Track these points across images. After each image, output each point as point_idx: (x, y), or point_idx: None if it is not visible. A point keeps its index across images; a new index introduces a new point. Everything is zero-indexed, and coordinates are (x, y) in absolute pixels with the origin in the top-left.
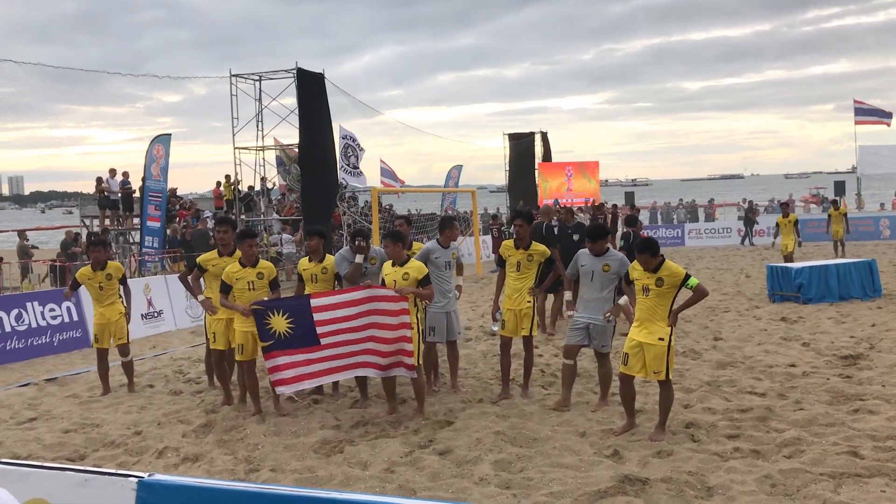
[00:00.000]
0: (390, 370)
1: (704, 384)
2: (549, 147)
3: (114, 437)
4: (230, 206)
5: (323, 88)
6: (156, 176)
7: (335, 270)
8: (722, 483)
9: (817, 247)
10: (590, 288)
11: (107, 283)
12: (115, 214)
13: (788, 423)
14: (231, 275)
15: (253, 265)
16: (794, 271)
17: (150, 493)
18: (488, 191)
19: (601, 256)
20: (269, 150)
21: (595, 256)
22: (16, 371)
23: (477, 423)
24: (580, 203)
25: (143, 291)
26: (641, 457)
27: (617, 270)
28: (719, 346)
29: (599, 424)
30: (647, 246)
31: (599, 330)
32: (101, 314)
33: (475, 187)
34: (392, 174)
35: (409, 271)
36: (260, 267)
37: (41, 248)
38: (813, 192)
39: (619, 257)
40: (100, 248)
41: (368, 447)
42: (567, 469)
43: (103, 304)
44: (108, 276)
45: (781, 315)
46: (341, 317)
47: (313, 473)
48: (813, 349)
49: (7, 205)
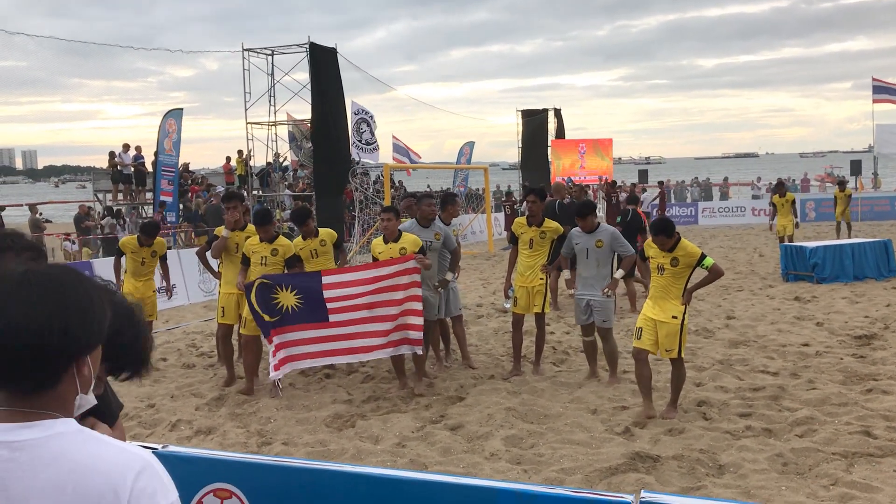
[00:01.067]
0: (399, 347)
1: (717, 363)
2: (562, 124)
3: (127, 409)
4: (242, 181)
5: (336, 63)
6: (168, 150)
7: (332, 240)
8: (733, 461)
9: (832, 226)
10: (586, 265)
11: (150, 260)
12: (129, 189)
13: (801, 402)
14: (249, 247)
15: (269, 241)
16: (809, 251)
17: (164, 465)
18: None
19: (593, 233)
20: (282, 125)
21: (587, 234)
22: None
23: (488, 399)
24: (594, 180)
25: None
26: (653, 434)
27: (609, 244)
28: (732, 324)
29: (611, 402)
30: (662, 227)
31: (599, 305)
32: (136, 288)
33: (487, 164)
34: (406, 150)
35: (406, 245)
36: (276, 244)
37: (55, 222)
38: (828, 170)
39: (609, 231)
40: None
41: (380, 422)
42: (578, 445)
43: (140, 278)
44: (154, 254)
45: (795, 294)
46: (351, 294)
47: (325, 447)
48: (826, 329)
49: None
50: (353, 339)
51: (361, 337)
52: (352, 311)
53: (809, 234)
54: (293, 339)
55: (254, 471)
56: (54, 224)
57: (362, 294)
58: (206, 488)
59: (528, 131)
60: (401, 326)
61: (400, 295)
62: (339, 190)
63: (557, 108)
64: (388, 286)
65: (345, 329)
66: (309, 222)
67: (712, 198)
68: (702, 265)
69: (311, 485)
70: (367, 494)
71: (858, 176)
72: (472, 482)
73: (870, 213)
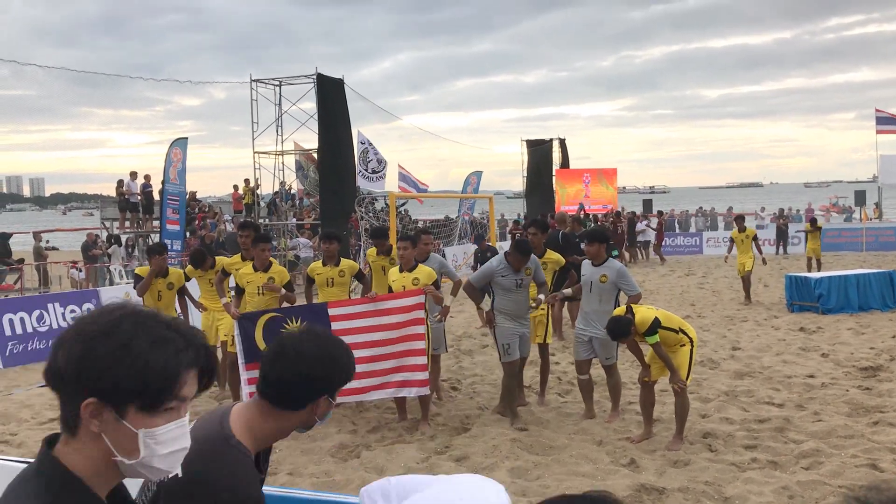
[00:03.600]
0: (402, 389)
1: (722, 394)
2: (566, 154)
3: None
4: (249, 210)
5: (342, 94)
6: (173, 179)
7: (352, 273)
8: (739, 493)
9: (836, 257)
10: (588, 299)
11: (167, 293)
12: (136, 217)
13: (807, 434)
14: (243, 277)
15: (265, 270)
16: (814, 281)
17: None
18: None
19: (599, 267)
20: (289, 154)
21: (594, 267)
22: (37, 372)
23: (493, 430)
24: (599, 209)
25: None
26: (658, 466)
27: (615, 281)
28: (737, 355)
29: (616, 433)
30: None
31: (602, 343)
32: None
33: (492, 193)
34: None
35: (419, 276)
36: (272, 272)
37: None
38: (833, 200)
39: (616, 268)
40: (163, 255)
41: (385, 452)
42: (584, 477)
43: None
44: (170, 285)
45: (800, 325)
46: (357, 328)
47: (330, 477)
48: (832, 360)
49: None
50: (358, 380)
51: (365, 377)
52: (358, 348)
53: (814, 265)
54: None
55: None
56: (60, 252)
57: (369, 329)
58: None
59: (533, 161)
60: (404, 367)
61: (406, 332)
62: (345, 218)
63: (562, 138)
64: (394, 323)
65: None
66: (334, 244)
67: (717, 227)
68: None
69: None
70: None
71: (863, 206)
72: None
73: (875, 244)
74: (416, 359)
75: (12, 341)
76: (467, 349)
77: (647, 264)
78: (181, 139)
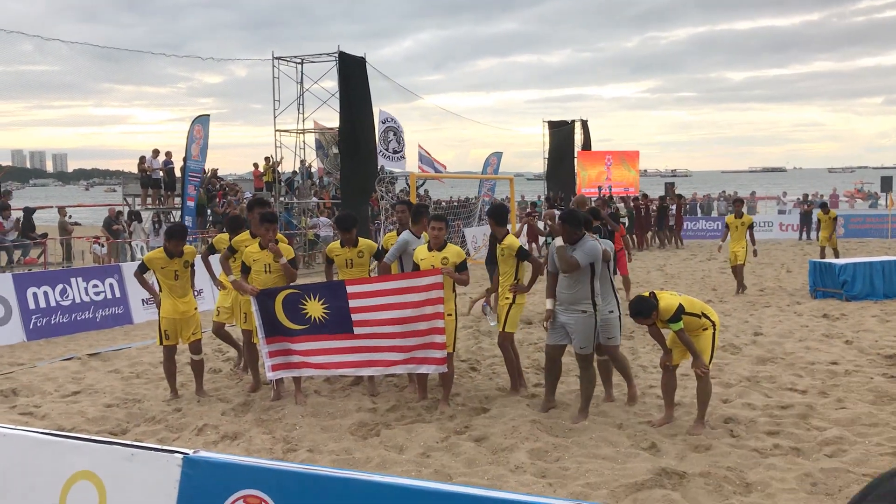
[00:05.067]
0: (420, 366)
1: (744, 379)
2: (588, 135)
3: (154, 412)
4: (269, 187)
5: (364, 72)
6: (195, 156)
7: (371, 252)
8: (761, 480)
9: (860, 243)
10: (561, 282)
11: (183, 272)
12: (157, 194)
13: (830, 421)
14: (249, 255)
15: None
16: (838, 267)
17: (195, 470)
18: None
19: (575, 249)
20: (309, 132)
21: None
22: (59, 345)
23: (513, 411)
24: (620, 192)
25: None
26: (679, 450)
27: (586, 262)
28: (759, 341)
29: (637, 417)
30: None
31: (574, 328)
32: (174, 307)
33: (512, 174)
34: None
35: (448, 255)
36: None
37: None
38: (859, 186)
39: (587, 247)
40: (180, 240)
41: (404, 431)
42: (604, 460)
43: (177, 295)
44: (186, 264)
45: (823, 311)
46: (376, 305)
47: (350, 455)
48: (856, 347)
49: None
50: (376, 353)
51: (384, 351)
52: (376, 324)
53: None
54: (317, 348)
55: (284, 478)
56: (83, 227)
57: (387, 307)
58: (236, 494)
59: (555, 142)
60: (424, 345)
61: (426, 311)
62: (364, 197)
63: (584, 120)
64: (415, 301)
65: (368, 342)
66: (353, 230)
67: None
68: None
69: (341, 494)
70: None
71: (889, 192)
72: (501, 495)
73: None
74: (435, 337)
75: (36, 315)
76: (486, 330)
77: (669, 248)
78: (203, 116)
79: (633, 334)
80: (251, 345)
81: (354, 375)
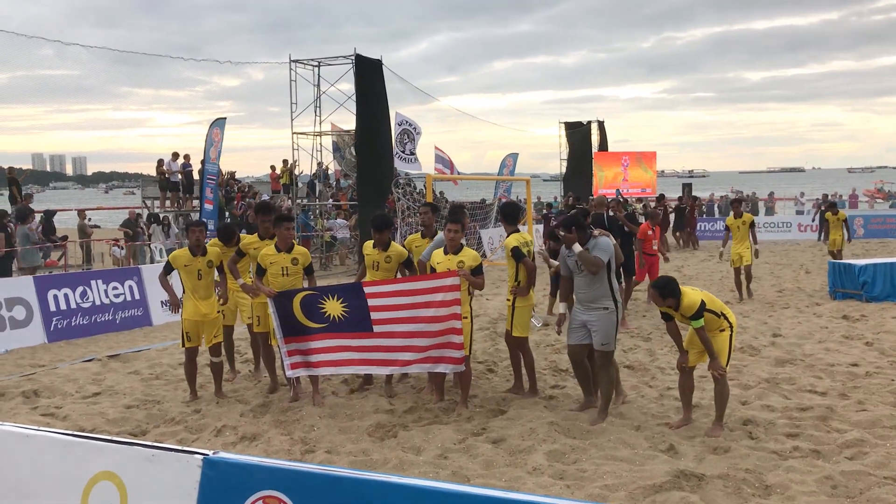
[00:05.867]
0: (437, 365)
1: (763, 381)
2: (605, 136)
3: (174, 413)
4: (287, 189)
5: (381, 75)
6: (213, 159)
7: (400, 260)
8: (780, 482)
9: (881, 243)
10: (579, 283)
11: (206, 271)
12: (176, 196)
13: (850, 423)
14: (266, 258)
15: (288, 250)
16: (858, 268)
17: (215, 471)
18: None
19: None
20: (326, 135)
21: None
22: (80, 347)
23: (530, 413)
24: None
25: None
26: (697, 452)
27: (607, 258)
28: (778, 342)
29: (655, 418)
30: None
31: (596, 325)
32: (196, 308)
33: (528, 176)
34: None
35: (465, 259)
36: (295, 253)
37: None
38: (879, 186)
39: (602, 244)
40: (200, 228)
41: (422, 433)
42: (621, 462)
43: (199, 296)
44: (210, 264)
45: (843, 313)
46: (394, 305)
47: (368, 456)
48: (876, 349)
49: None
50: (395, 352)
51: (403, 350)
52: (395, 323)
53: (858, 252)
54: (337, 345)
55: (303, 479)
56: (102, 230)
57: (406, 306)
58: (255, 495)
59: (571, 143)
60: (441, 345)
61: (444, 312)
62: (382, 200)
63: (601, 121)
64: (432, 301)
65: (387, 341)
66: (385, 232)
67: (758, 213)
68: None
69: (359, 495)
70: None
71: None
72: (519, 497)
73: None
74: (452, 337)
75: (56, 316)
76: (503, 331)
77: (686, 250)
78: (220, 119)
79: (651, 336)
80: (268, 346)
81: (372, 374)
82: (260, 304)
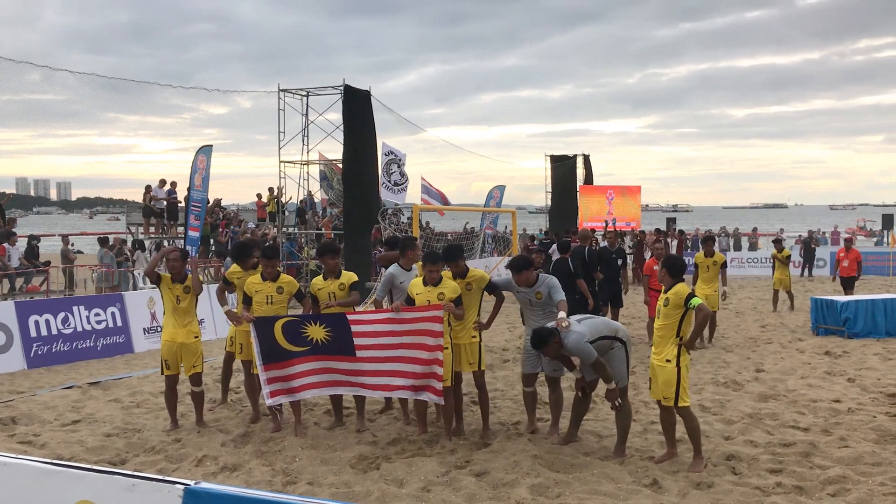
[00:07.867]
0: (420, 393)
1: (746, 416)
2: (590, 170)
3: (154, 443)
4: (272, 218)
5: (369, 105)
6: (198, 186)
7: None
8: None
9: (863, 281)
10: (533, 315)
11: (184, 297)
12: (160, 223)
13: (833, 460)
14: (251, 286)
15: (273, 279)
16: (840, 305)
17: (196, 501)
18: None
19: (532, 287)
20: (314, 164)
21: (528, 287)
22: (60, 373)
23: (514, 446)
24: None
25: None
26: (681, 487)
27: (550, 295)
28: (761, 377)
29: (639, 452)
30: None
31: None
32: (174, 335)
33: (514, 207)
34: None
35: (444, 291)
36: (280, 281)
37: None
38: (861, 224)
39: (547, 283)
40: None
41: (405, 465)
42: (605, 497)
43: (178, 321)
44: (187, 290)
45: (826, 349)
46: (378, 332)
47: (350, 489)
48: (858, 385)
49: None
50: (378, 377)
51: (385, 375)
52: (378, 349)
53: (840, 289)
54: (319, 367)
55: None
56: (85, 255)
57: (389, 333)
58: None
59: (557, 176)
60: (426, 374)
61: (429, 341)
62: (368, 229)
63: (586, 154)
64: (416, 330)
65: (370, 366)
66: (335, 259)
67: (741, 248)
68: (689, 305)
69: None
70: None
71: (890, 230)
72: None
73: None
74: (435, 367)
75: (37, 342)
76: (488, 364)
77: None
78: (206, 146)
79: (635, 369)
80: (251, 376)
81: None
82: (243, 332)
